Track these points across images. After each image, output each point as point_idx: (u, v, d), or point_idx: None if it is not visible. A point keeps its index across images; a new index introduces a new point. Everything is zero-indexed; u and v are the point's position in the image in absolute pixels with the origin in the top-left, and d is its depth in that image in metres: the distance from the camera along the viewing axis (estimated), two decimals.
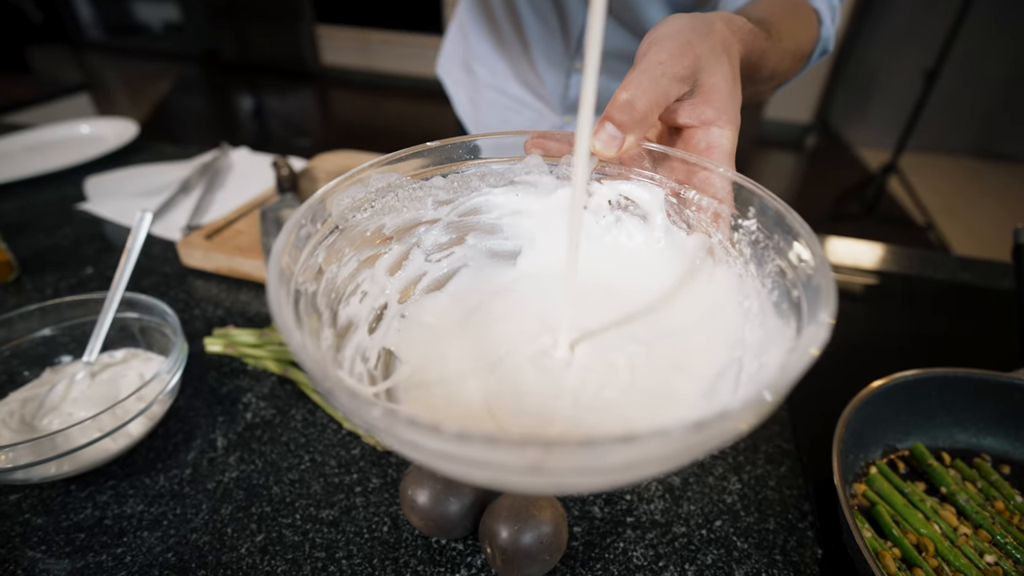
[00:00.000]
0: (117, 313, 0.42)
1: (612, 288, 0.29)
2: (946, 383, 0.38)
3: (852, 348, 0.49)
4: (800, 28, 0.42)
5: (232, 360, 0.46)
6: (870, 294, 0.58)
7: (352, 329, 0.25)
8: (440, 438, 0.13)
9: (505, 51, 0.64)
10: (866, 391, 0.35)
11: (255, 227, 0.60)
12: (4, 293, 0.54)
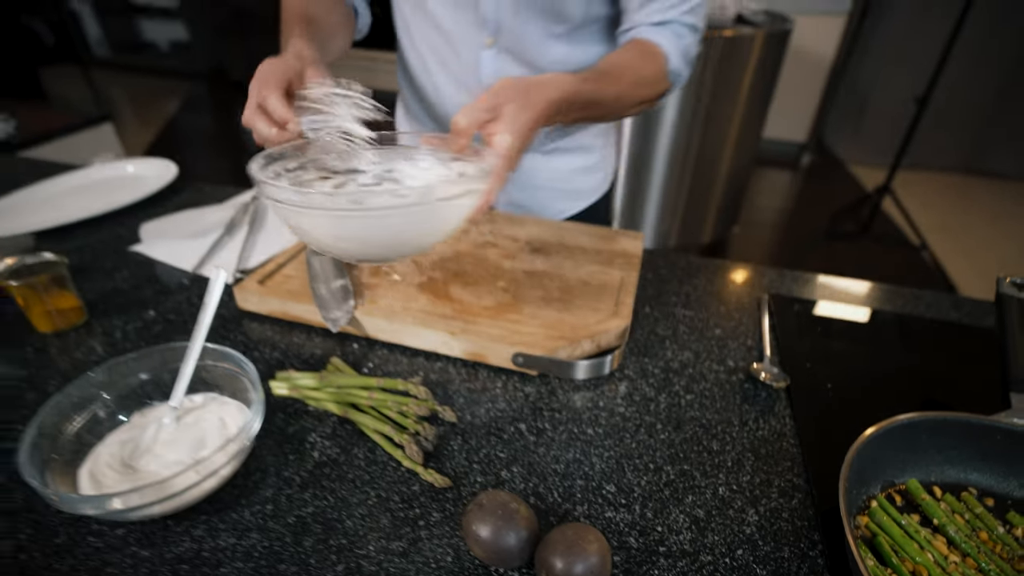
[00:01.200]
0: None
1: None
2: (936, 425, 0.43)
3: (854, 387, 0.54)
4: (643, 65, 0.62)
5: (296, 401, 0.51)
6: (867, 333, 0.63)
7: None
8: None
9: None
10: (866, 434, 0.41)
11: (302, 271, 0.65)
12: (77, 336, 0.59)
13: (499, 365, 0.55)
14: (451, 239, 0.71)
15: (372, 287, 0.63)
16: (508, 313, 0.59)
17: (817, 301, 0.67)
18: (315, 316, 0.59)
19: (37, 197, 0.87)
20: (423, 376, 0.54)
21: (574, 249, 0.71)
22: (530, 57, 0.68)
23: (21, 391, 0.52)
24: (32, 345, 0.58)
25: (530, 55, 0.68)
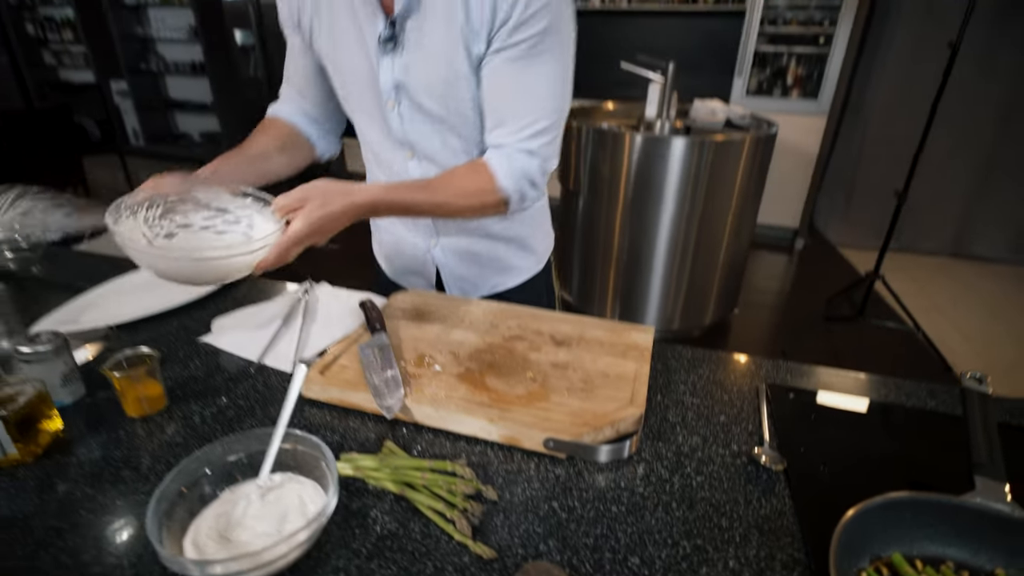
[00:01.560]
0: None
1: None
2: (912, 504, 0.50)
3: (845, 468, 0.61)
4: (468, 180, 0.77)
5: (357, 480, 0.59)
6: (856, 419, 0.71)
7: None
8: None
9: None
10: (849, 513, 0.48)
11: (356, 362, 0.75)
12: (161, 420, 0.68)
13: (532, 448, 0.63)
14: (483, 334, 0.81)
15: (417, 377, 0.72)
16: (538, 401, 0.68)
17: (810, 390, 0.76)
18: (370, 404, 0.68)
19: (113, 292, 0.98)
20: (466, 458, 0.62)
21: (591, 342, 0.81)
22: (446, 164, 0.84)
23: (118, 469, 0.60)
24: (124, 429, 0.66)
25: (446, 163, 0.84)
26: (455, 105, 0.79)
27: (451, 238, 0.97)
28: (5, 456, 0.59)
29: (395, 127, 0.83)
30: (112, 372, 0.65)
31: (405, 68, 0.77)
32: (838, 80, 3.17)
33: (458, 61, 0.75)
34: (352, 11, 0.77)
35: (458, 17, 0.72)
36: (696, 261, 2.33)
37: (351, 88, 0.85)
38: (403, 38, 0.76)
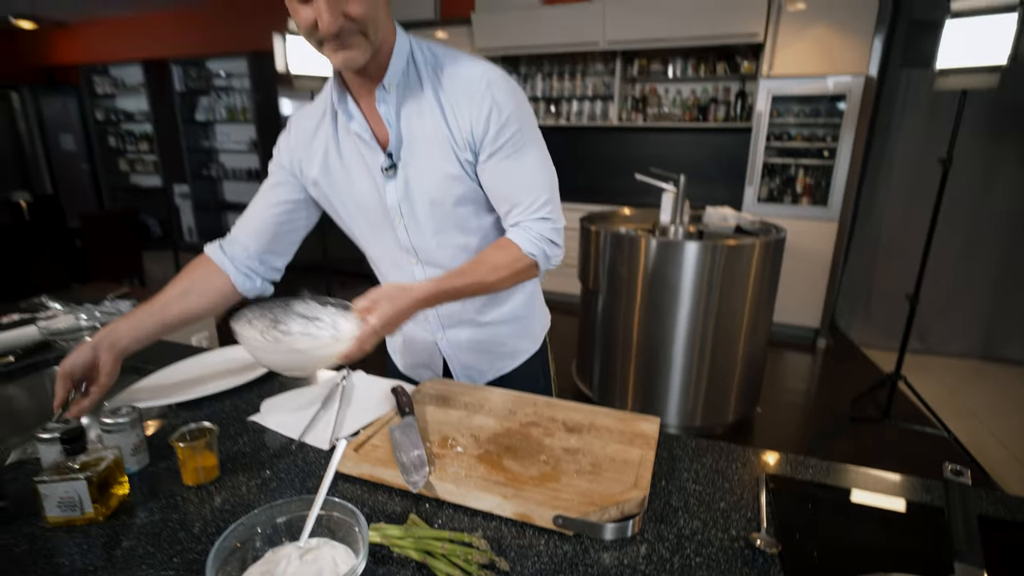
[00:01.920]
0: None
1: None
2: None
3: (837, 554, 0.65)
4: (497, 256, 0.90)
5: (383, 547, 0.65)
6: (848, 508, 0.75)
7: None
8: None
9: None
10: None
11: (386, 442, 0.83)
12: (212, 489, 0.76)
13: (542, 525, 0.69)
14: (501, 419, 0.89)
15: (441, 456, 0.80)
16: (549, 482, 0.74)
17: (808, 480, 0.80)
18: (398, 479, 0.75)
19: (174, 374, 1.10)
20: (482, 532, 0.68)
21: (601, 429, 0.88)
22: (445, 264, 0.97)
23: (175, 531, 0.68)
24: (180, 495, 0.75)
25: (445, 263, 0.97)
26: (451, 202, 0.92)
27: (456, 330, 1.07)
28: (83, 514, 0.68)
29: (402, 237, 0.96)
30: (177, 443, 0.75)
31: (406, 186, 0.91)
32: (845, 189, 3.35)
33: (449, 167, 0.89)
34: (359, 154, 0.93)
35: (442, 136, 0.87)
36: (714, 359, 2.37)
37: (363, 213, 0.97)
38: (400, 164, 0.91)
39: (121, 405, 0.80)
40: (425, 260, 0.98)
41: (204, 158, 6.24)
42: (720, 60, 3.78)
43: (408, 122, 0.88)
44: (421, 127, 0.88)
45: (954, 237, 3.53)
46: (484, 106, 0.84)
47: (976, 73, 1.96)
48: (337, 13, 0.74)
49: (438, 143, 0.87)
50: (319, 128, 0.95)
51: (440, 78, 0.86)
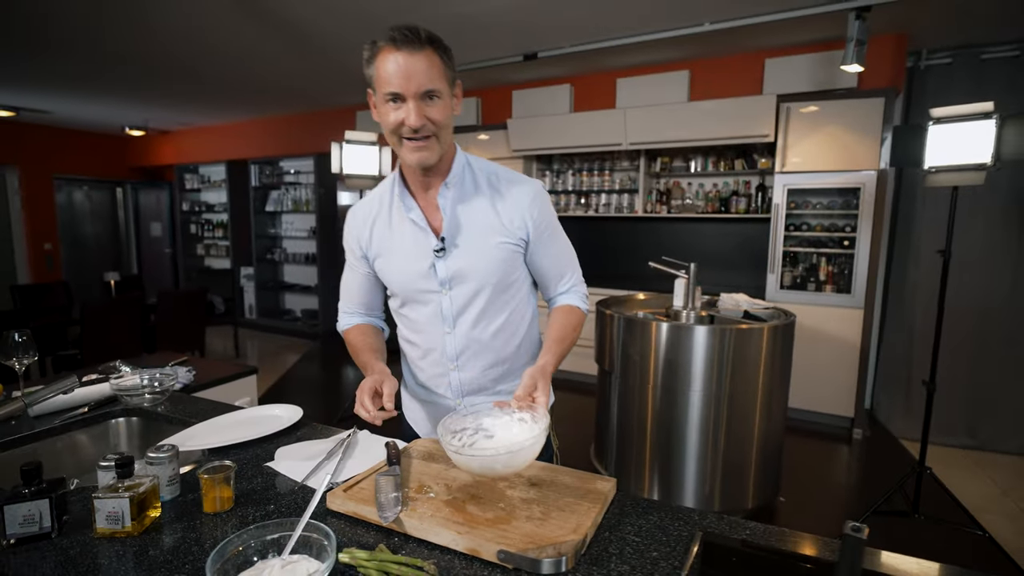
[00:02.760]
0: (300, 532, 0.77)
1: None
2: None
3: None
4: (570, 317, 1.18)
5: (352, 568, 0.78)
6: (771, 564, 0.82)
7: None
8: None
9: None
10: None
11: (371, 486, 0.97)
12: (226, 516, 0.92)
13: (488, 559, 0.80)
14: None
15: (414, 499, 0.93)
16: (500, 524, 0.86)
17: (739, 538, 0.88)
18: (375, 516, 0.89)
19: (210, 426, 1.30)
20: (436, 562, 0.80)
21: (560, 486, 0.99)
22: (477, 337, 1.16)
23: (190, 546, 0.84)
24: (199, 520, 0.91)
25: (477, 336, 1.17)
26: (489, 280, 1.13)
27: (472, 397, 1.22)
28: (122, 527, 0.85)
29: (445, 307, 1.15)
30: (202, 475, 0.93)
31: (454, 265, 1.12)
32: (867, 278, 3.38)
33: (493, 252, 1.11)
34: (414, 237, 1.13)
35: (491, 227, 1.11)
36: (728, 443, 2.38)
37: (413, 285, 1.15)
38: (450, 247, 1.12)
39: (164, 444, 0.99)
40: (459, 331, 1.16)
41: (269, 243, 6.90)
42: (738, 157, 4.01)
43: (461, 213, 1.11)
44: (472, 218, 1.11)
45: (993, 329, 3.44)
46: (533, 210, 1.12)
47: (963, 171, 2.07)
48: (421, 115, 0.99)
49: (485, 232, 1.11)
50: (377, 217, 1.17)
51: (497, 185, 1.13)
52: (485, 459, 0.86)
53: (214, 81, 4.68)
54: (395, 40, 0.97)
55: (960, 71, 3.44)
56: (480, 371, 1.20)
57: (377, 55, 0.99)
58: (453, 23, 3.25)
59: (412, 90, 0.98)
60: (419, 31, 0.98)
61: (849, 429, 3.51)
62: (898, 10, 2.86)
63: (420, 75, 0.97)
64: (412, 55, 0.97)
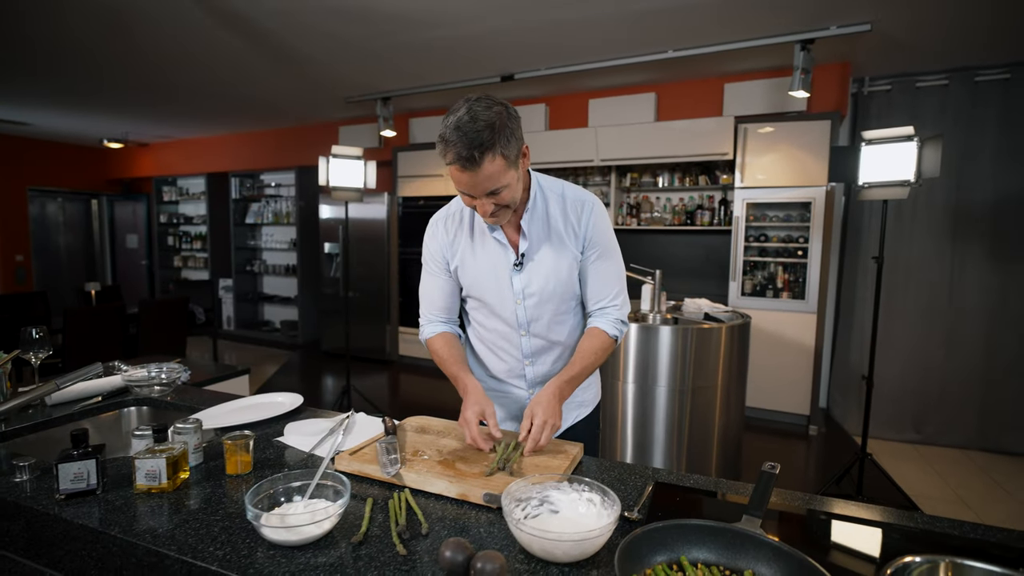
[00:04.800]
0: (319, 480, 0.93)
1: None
2: (697, 528, 0.80)
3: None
4: (593, 342, 1.26)
5: (360, 514, 0.93)
6: (698, 498, 1.00)
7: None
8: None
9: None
10: (641, 529, 0.79)
11: (374, 451, 1.13)
12: (245, 478, 1.06)
13: (475, 502, 0.96)
14: (463, 441, 1.19)
15: (411, 461, 1.09)
16: (484, 477, 1.02)
17: (685, 487, 1.06)
18: (378, 473, 1.04)
19: (219, 410, 1.43)
20: (437, 513, 0.96)
21: (537, 452, 1.16)
22: (548, 336, 1.30)
23: (219, 499, 0.98)
24: (223, 480, 1.05)
25: (547, 335, 1.30)
26: (558, 290, 1.25)
27: (541, 387, 1.28)
28: (158, 484, 0.99)
29: (520, 315, 1.27)
30: (226, 440, 1.07)
31: (529, 278, 1.24)
32: (819, 285, 3.65)
33: (562, 266, 1.24)
34: (495, 253, 1.25)
35: (561, 242, 1.23)
36: (692, 433, 2.58)
37: (491, 295, 1.27)
38: (526, 263, 1.24)
39: (190, 417, 1.13)
40: (532, 333, 1.29)
41: (249, 255, 6.95)
42: (702, 173, 4.29)
43: (536, 233, 1.23)
44: (546, 236, 1.24)
45: (935, 331, 3.74)
46: (588, 226, 1.23)
47: (890, 187, 2.34)
48: (491, 206, 1.09)
49: (556, 250, 1.23)
50: (458, 232, 1.28)
51: (564, 206, 1.24)
52: (547, 541, 0.77)
53: (196, 96, 4.78)
54: (460, 163, 1.03)
55: (898, 97, 3.78)
56: (551, 364, 1.33)
57: (444, 157, 1.06)
58: (432, 46, 3.45)
59: (479, 193, 1.07)
60: (473, 154, 1.01)
61: (805, 426, 3.75)
62: (838, 43, 3.16)
63: (484, 183, 1.05)
64: (474, 172, 1.03)
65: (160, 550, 0.82)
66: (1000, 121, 3.52)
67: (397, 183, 5.30)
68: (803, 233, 3.77)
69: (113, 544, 0.87)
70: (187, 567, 0.80)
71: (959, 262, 3.65)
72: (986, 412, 3.62)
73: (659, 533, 0.79)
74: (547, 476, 0.95)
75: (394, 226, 5.41)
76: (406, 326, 5.34)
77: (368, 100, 4.59)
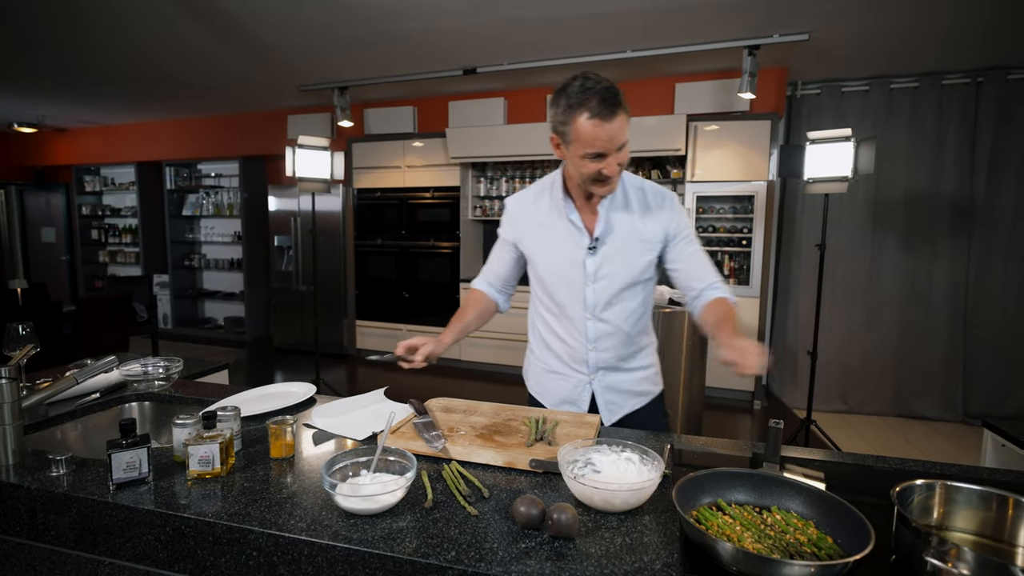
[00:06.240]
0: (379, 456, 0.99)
1: None
2: (729, 475, 0.93)
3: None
4: (726, 307, 1.27)
5: (423, 488, 1.00)
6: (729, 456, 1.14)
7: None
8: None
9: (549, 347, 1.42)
10: (691, 475, 0.91)
11: (412, 430, 1.19)
12: (290, 460, 1.10)
13: (522, 468, 1.05)
14: (491, 418, 1.27)
15: (449, 436, 1.16)
16: (524, 447, 1.11)
17: (700, 451, 1.19)
18: (423, 448, 1.11)
19: (236, 400, 1.43)
20: (481, 478, 1.04)
21: (560, 422, 1.26)
22: (611, 320, 1.33)
23: (266, 481, 1.01)
24: (268, 463, 1.08)
25: (611, 319, 1.33)
26: (630, 276, 1.31)
27: (604, 373, 1.38)
28: (212, 469, 1.01)
29: (589, 298, 1.31)
30: (270, 424, 1.10)
31: (602, 262, 1.30)
32: (761, 271, 3.99)
33: (636, 253, 1.30)
34: (569, 235, 1.31)
35: (636, 230, 1.29)
36: None
37: (562, 276, 1.32)
38: (600, 246, 1.29)
39: (227, 404, 1.14)
40: (598, 317, 1.33)
41: (187, 249, 6.57)
42: (655, 168, 4.53)
43: (613, 220, 1.29)
44: (621, 225, 1.29)
45: (858, 311, 4.18)
46: (671, 219, 1.30)
47: (832, 182, 2.62)
48: (615, 163, 1.16)
49: (630, 238, 1.29)
50: (537, 213, 1.35)
51: (644, 199, 1.31)
52: (608, 492, 0.89)
53: (128, 77, 4.46)
54: (600, 113, 1.10)
55: (826, 100, 4.17)
56: (614, 351, 1.35)
57: (576, 118, 1.11)
58: (400, 37, 3.44)
59: (614, 146, 1.14)
60: (617, 99, 1.11)
61: (751, 402, 4.10)
62: (778, 50, 3.45)
63: (618, 135, 1.13)
64: (612, 121, 1.11)
65: (242, 526, 0.86)
66: (909, 126, 3.97)
67: (353, 174, 5.21)
68: (747, 224, 4.08)
69: (186, 525, 0.89)
70: (273, 539, 0.84)
71: (878, 250, 4.09)
72: (900, 383, 4.09)
73: (700, 480, 0.92)
74: (587, 441, 1.05)
75: (350, 218, 5.32)
76: (364, 319, 5.28)
77: (323, 89, 4.48)
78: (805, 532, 0.82)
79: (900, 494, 0.80)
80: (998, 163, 3.80)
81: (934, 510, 0.83)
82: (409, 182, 5.04)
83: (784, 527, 0.84)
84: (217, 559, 0.88)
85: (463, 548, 0.80)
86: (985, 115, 3.80)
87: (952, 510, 0.83)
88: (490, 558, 0.78)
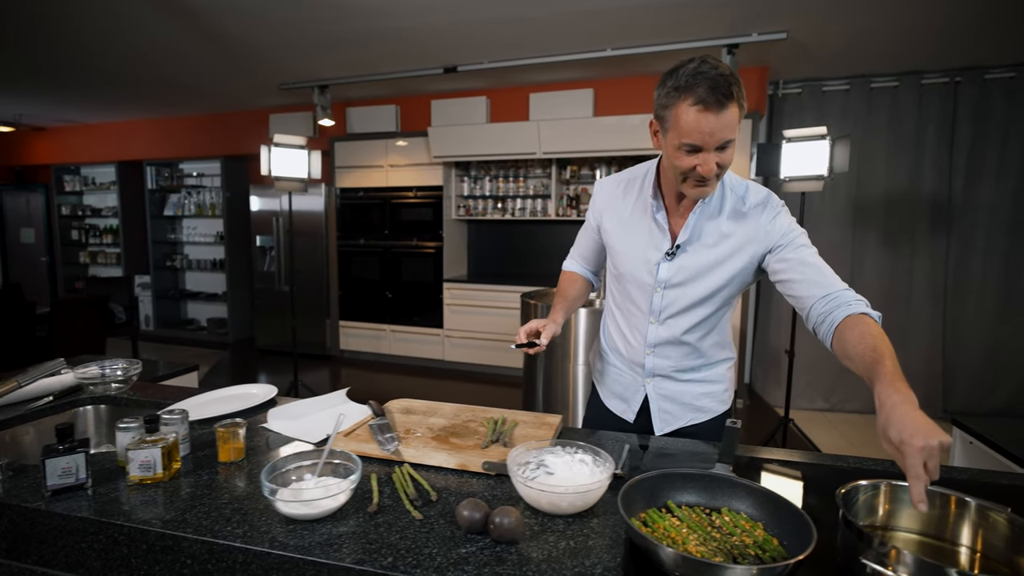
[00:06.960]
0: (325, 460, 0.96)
1: None
2: (680, 476, 0.92)
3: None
4: (878, 330, 1.00)
5: (369, 489, 0.98)
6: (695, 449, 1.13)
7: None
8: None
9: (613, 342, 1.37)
10: (641, 478, 0.90)
11: (367, 432, 1.17)
12: (240, 464, 1.07)
13: (475, 471, 1.03)
14: (450, 419, 1.25)
15: (405, 438, 1.14)
16: (479, 449, 1.09)
17: (655, 447, 1.18)
18: (376, 451, 1.09)
19: (191, 403, 1.40)
20: (440, 483, 1.02)
21: (520, 422, 1.24)
22: (676, 329, 1.21)
23: (211, 486, 0.99)
24: (216, 468, 1.05)
25: (676, 329, 1.21)
26: (705, 291, 1.16)
27: (657, 379, 1.28)
28: (154, 474, 0.98)
29: (655, 303, 1.20)
30: (218, 427, 1.07)
31: (677, 270, 1.16)
32: None
33: (717, 267, 1.14)
34: (650, 233, 1.19)
35: (724, 245, 1.13)
36: None
37: (634, 273, 1.22)
38: (679, 253, 1.16)
39: (174, 407, 1.11)
40: (661, 323, 1.21)
41: (169, 250, 6.49)
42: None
43: (701, 229, 1.15)
44: (709, 236, 1.14)
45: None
46: (772, 227, 1.12)
47: (808, 180, 2.62)
48: (714, 163, 1.00)
49: (715, 251, 1.14)
50: (622, 204, 1.24)
51: (742, 208, 1.13)
52: (554, 495, 0.87)
53: (106, 76, 4.40)
54: (705, 101, 0.95)
55: (808, 99, 4.18)
56: (672, 360, 1.25)
57: (679, 103, 0.98)
58: (378, 36, 3.41)
59: (712, 145, 0.99)
60: (731, 89, 0.95)
61: (734, 400, 4.10)
62: (758, 49, 3.46)
63: (724, 131, 0.97)
64: (720, 114, 0.96)
65: (176, 533, 0.83)
66: (889, 125, 3.99)
67: (335, 173, 5.16)
68: None
69: (119, 533, 0.86)
70: (207, 547, 0.82)
71: (859, 248, 4.11)
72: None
73: (649, 482, 0.90)
74: (542, 442, 1.03)
75: (332, 218, 5.27)
76: (347, 320, 5.24)
77: (304, 88, 4.43)
78: (752, 534, 0.81)
79: (845, 495, 0.79)
80: (976, 162, 3.83)
81: (879, 509, 0.82)
82: (392, 181, 5.00)
83: (732, 529, 0.83)
84: (151, 568, 0.85)
85: (401, 554, 0.78)
86: (963, 114, 3.82)
87: (897, 509, 0.82)
88: (427, 564, 0.76)
